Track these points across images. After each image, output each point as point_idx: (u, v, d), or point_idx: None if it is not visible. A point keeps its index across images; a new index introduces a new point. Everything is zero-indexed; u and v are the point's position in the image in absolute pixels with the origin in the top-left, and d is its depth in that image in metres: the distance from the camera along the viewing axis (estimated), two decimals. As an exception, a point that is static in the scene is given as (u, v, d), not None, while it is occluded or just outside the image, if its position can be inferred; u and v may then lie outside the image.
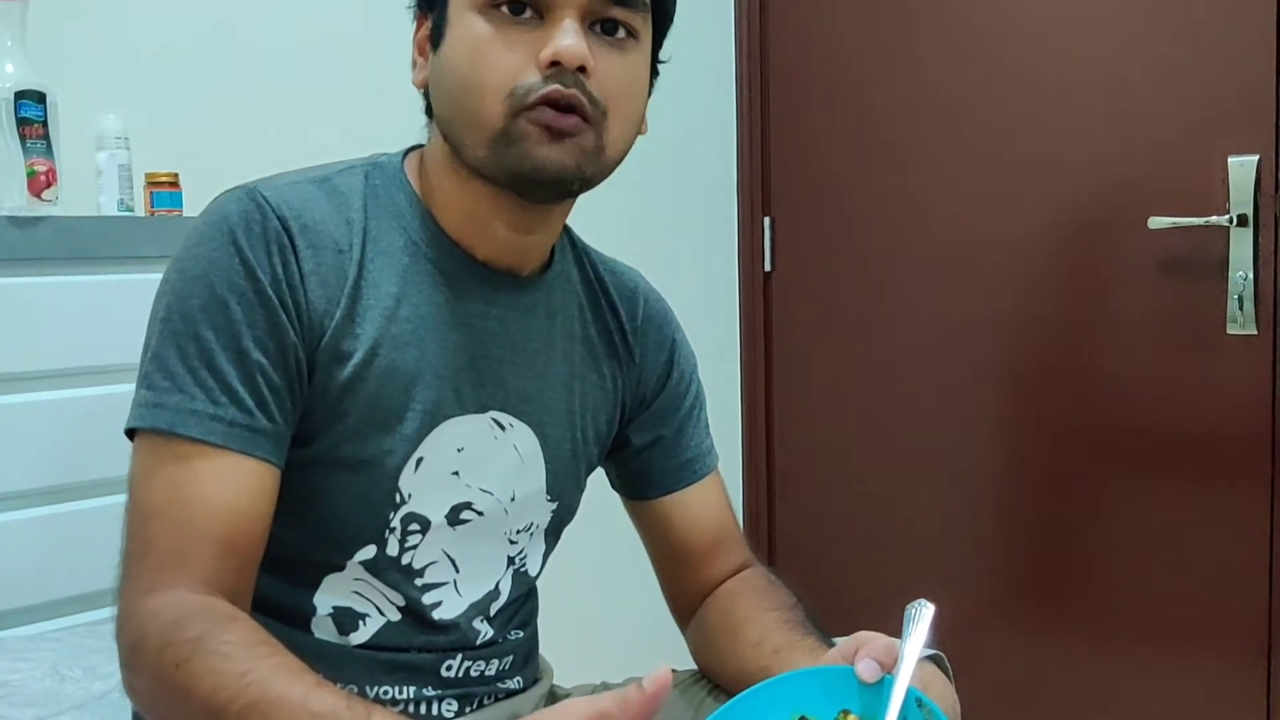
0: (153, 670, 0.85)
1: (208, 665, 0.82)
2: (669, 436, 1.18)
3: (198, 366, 0.90)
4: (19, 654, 1.38)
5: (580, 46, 0.90)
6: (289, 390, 0.93)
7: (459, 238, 1.01)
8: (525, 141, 0.91)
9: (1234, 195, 2.02)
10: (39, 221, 1.49)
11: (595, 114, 0.93)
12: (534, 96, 0.90)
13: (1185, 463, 2.14)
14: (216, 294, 0.90)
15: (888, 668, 0.86)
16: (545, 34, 0.91)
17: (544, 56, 0.90)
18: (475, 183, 0.98)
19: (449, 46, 0.95)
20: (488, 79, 0.91)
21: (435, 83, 0.98)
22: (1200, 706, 2.16)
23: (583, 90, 0.91)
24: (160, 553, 0.88)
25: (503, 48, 0.91)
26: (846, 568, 2.56)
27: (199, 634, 0.83)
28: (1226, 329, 2.05)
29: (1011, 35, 2.28)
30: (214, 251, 0.92)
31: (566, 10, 0.91)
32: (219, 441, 0.89)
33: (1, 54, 1.47)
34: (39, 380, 1.51)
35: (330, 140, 1.85)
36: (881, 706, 0.84)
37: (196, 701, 0.81)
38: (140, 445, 0.92)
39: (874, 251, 2.50)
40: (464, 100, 0.93)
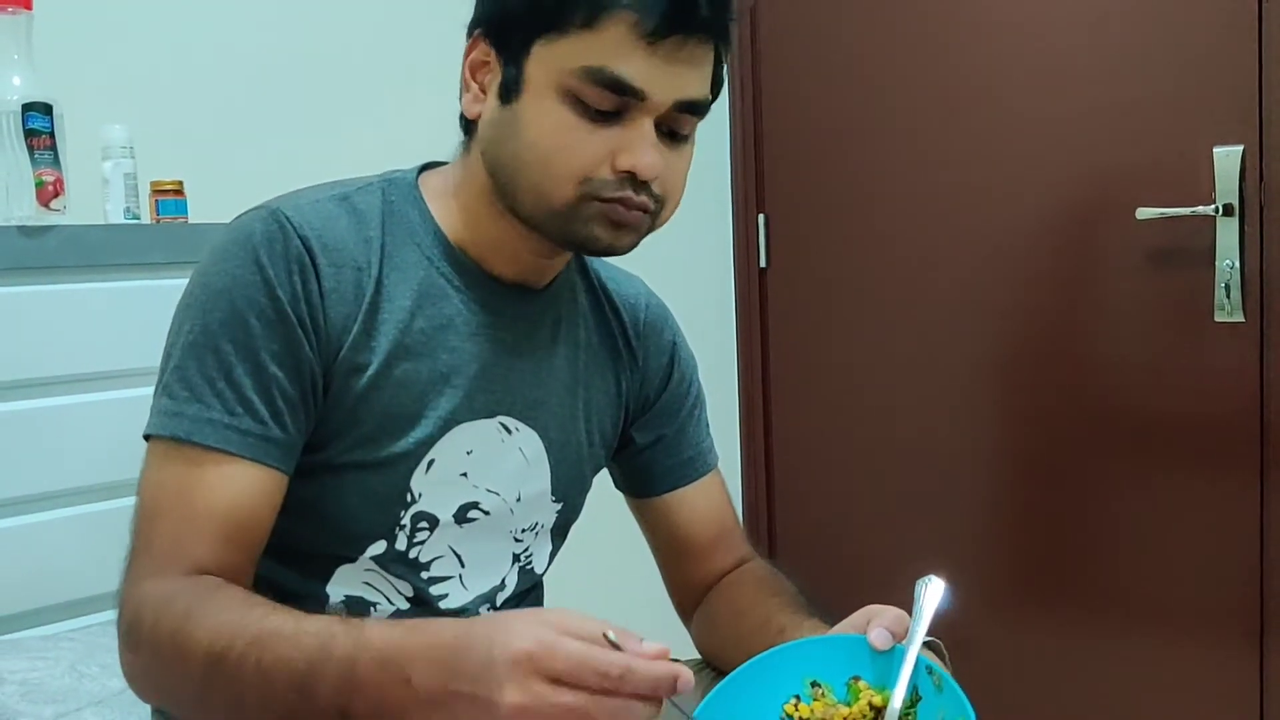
0: (150, 643, 0.87)
1: (202, 622, 0.85)
2: (670, 436, 1.21)
3: (216, 378, 0.93)
4: (38, 653, 1.41)
5: (658, 163, 0.95)
6: (302, 403, 0.96)
7: (478, 256, 1.05)
8: (590, 223, 0.96)
9: (1220, 185, 2.05)
10: (47, 230, 1.52)
11: (656, 207, 0.98)
12: (607, 195, 0.95)
13: (1174, 448, 2.17)
14: (237, 309, 0.94)
15: (899, 638, 0.89)
16: (622, 135, 0.94)
17: (622, 164, 0.94)
18: (511, 218, 1.01)
19: (527, 114, 0.96)
20: (563, 166, 0.94)
21: (499, 136, 0.99)
22: (1191, 691, 2.18)
23: (650, 195, 0.96)
24: (161, 546, 0.92)
25: (583, 138, 0.94)
26: (844, 561, 2.59)
27: (191, 601, 0.87)
28: (1214, 316, 2.08)
29: (999, 30, 2.30)
30: (237, 268, 0.95)
31: (646, 118, 0.94)
32: (233, 450, 0.93)
33: (9, 67, 1.50)
34: (50, 386, 1.54)
35: (333, 149, 1.89)
36: (892, 674, 0.87)
37: (197, 657, 0.84)
38: (154, 450, 0.95)
39: (867, 246, 2.53)
40: (533, 173, 0.96)
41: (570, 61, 0.93)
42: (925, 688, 0.87)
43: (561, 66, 0.93)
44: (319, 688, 0.80)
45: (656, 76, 0.93)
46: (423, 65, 1.25)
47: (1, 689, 1.32)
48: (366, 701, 0.79)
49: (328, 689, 0.80)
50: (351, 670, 0.79)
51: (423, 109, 1.14)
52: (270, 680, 0.81)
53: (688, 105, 0.96)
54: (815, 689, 0.90)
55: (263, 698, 0.82)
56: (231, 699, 0.83)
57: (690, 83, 0.95)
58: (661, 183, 0.97)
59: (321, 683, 0.80)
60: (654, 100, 0.94)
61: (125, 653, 0.91)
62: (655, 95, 0.93)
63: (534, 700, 0.72)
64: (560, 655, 0.73)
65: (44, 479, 1.54)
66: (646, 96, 0.93)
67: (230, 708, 0.84)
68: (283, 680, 0.81)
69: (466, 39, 1.02)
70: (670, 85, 0.94)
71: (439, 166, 1.09)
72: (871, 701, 0.88)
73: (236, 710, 0.84)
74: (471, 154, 1.03)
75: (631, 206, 0.96)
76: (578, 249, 1.01)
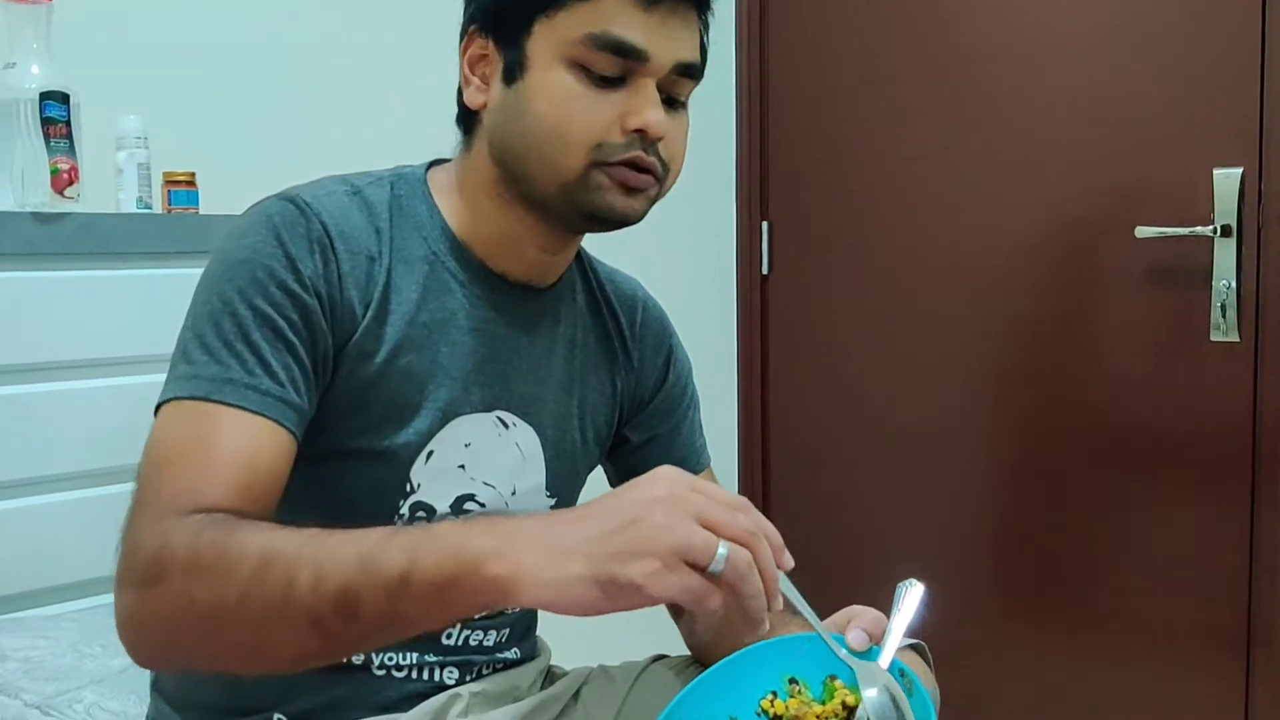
0: (186, 560, 0.81)
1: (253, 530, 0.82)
2: (664, 435, 1.23)
3: (234, 341, 0.93)
4: (40, 632, 1.43)
5: (665, 121, 0.99)
6: (315, 375, 0.97)
7: (484, 252, 1.07)
8: (601, 190, 0.99)
9: (1219, 206, 2.07)
10: (61, 218, 1.54)
11: (661, 172, 1.01)
12: (618, 157, 0.98)
13: (1168, 466, 2.19)
14: (258, 278, 0.95)
15: (876, 639, 0.91)
16: (627, 98, 0.98)
17: (632, 124, 0.97)
18: (518, 209, 1.04)
19: (532, 90, 0.99)
20: (574, 133, 0.97)
21: (506, 118, 1.02)
22: (1179, 705, 2.20)
23: (658, 156, 1.00)
24: (175, 490, 0.87)
25: (591, 104, 0.97)
26: (840, 568, 2.60)
27: (232, 520, 0.84)
28: (1210, 336, 2.10)
29: (1004, 47, 2.33)
30: (258, 242, 0.96)
31: (649, 80, 0.98)
32: (252, 407, 0.91)
33: (27, 56, 1.52)
34: (60, 370, 1.56)
35: (345, 143, 1.92)
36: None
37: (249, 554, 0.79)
38: (166, 411, 0.93)
39: (870, 256, 2.54)
40: (544, 147, 0.98)
41: (572, 31, 0.97)
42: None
43: (564, 38, 0.97)
44: (384, 553, 0.77)
45: (656, 38, 0.97)
46: (434, 59, 1.26)
47: (3, 665, 1.34)
48: (434, 554, 0.76)
49: (394, 551, 0.76)
50: (429, 530, 0.78)
51: (434, 103, 1.16)
52: (330, 558, 0.78)
53: (685, 68, 1.00)
54: (793, 686, 0.92)
55: (317, 577, 0.77)
56: (280, 589, 0.78)
57: (685, 44, 1.00)
58: (666, 147, 1.00)
59: (389, 548, 0.77)
60: (655, 62, 0.97)
61: (136, 593, 0.84)
62: (656, 56, 0.97)
63: (679, 521, 0.74)
64: (698, 484, 0.77)
65: (50, 462, 1.56)
66: (649, 58, 0.97)
67: (273, 605, 0.78)
68: (344, 556, 0.77)
69: (460, 39, 1.05)
70: (669, 46, 0.98)
71: (446, 163, 1.11)
72: (845, 701, 0.90)
73: (281, 604, 0.78)
74: (474, 148, 1.06)
75: (642, 166, 0.99)
76: (591, 221, 1.02)
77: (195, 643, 0.84)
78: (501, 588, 0.74)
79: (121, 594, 0.85)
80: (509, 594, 0.74)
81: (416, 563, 0.76)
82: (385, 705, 1.05)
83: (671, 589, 0.73)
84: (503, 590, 0.74)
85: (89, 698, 1.30)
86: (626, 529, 0.73)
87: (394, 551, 0.77)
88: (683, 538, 0.73)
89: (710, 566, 0.73)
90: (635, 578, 0.72)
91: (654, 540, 0.73)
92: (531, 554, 0.74)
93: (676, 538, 0.73)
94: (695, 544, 0.73)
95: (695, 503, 0.75)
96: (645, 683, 1.19)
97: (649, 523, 0.73)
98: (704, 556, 0.73)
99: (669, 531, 0.73)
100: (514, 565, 0.74)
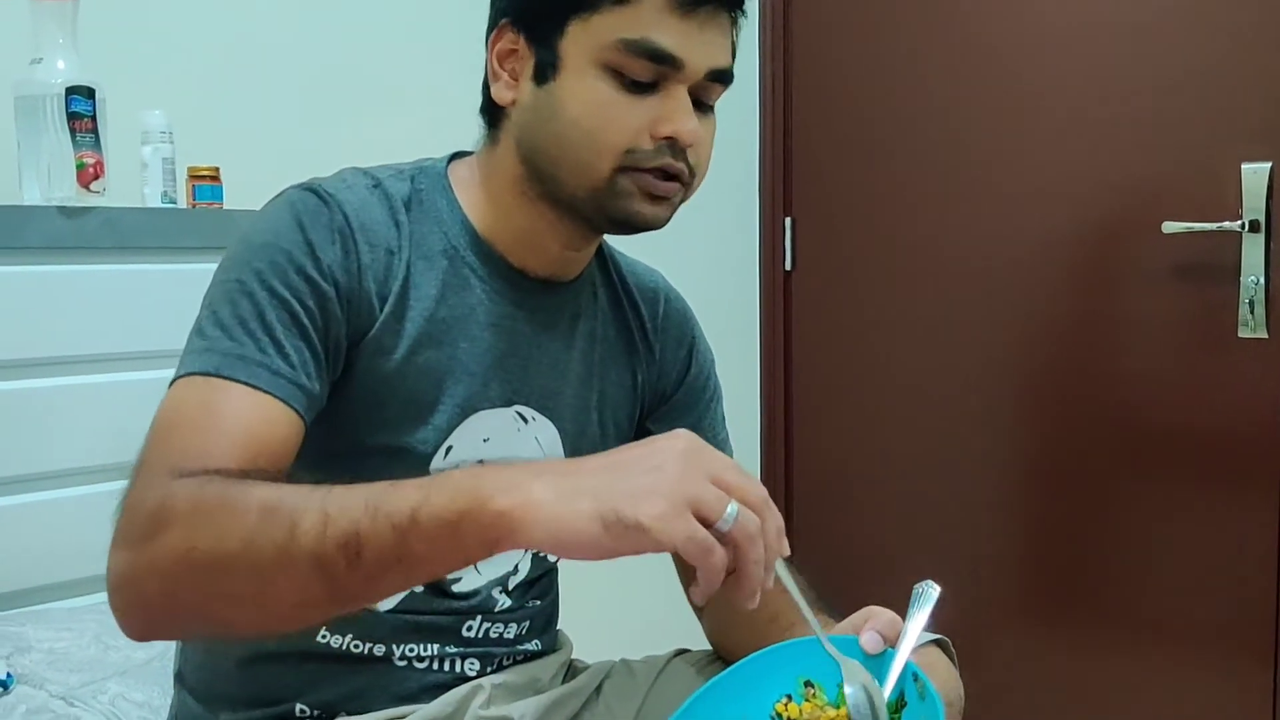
0: (187, 512, 0.80)
1: (260, 483, 0.81)
2: (687, 428, 1.22)
3: (249, 319, 0.93)
4: (64, 624, 1.44)
5: (698, 129, 0.98)
6: (327, 362, 0.97)
7: (504, 248, 1.07)
8: (629, 197, 0.98)
9: (1247, 201, 2.05)
10: (87, 212, 1.55)
11: (688, 178, 1.01)
12: (647, 164, 0.97)
13: (1196, 463, 2.17)
14: (277, 262, 0.95)
15: (891, 641, 0.91)
16: (660, 104, 0.97)
17: (663, 131, 0.97)
18: (542, 206, 1.03)
19: (566, 93, 0.98)
20: (607, 138, 0.97)
21: (537, 119, 1.01)
22: (1206, 706, 2.18)
23: (686, 163, 0.99)
24: (177, 452, 0.86)
25: (625, 110, 0.97)
26: (862, 563, 2.60)
27: (238, 475, 0.83)
28: (1238, 332, 2.08)
29: (1030, 41, 2.31)
30: (280, 227, 0.97)
31: (682, 87, 0.98)
32: (261, 385, 0.91)
33: (53, 51, 1.53)
34: (86, 364, 1.57)
35: (368, 138, 1.91)
36: (881, 677, 0.88)
37: (253, 505, 0.78)
38: (178, 384, 0.92)
39: (893, 252, 2.54)
40: (576, 150, 0.98)
41: (608, 36, 0.96)
42: (910, 694, 0.88)
43: (599, 42, 0.96)
44: (394, 494, 0.76)
45: (691, 45, 0.96)
46: (457, 55, 1.27)
47: (29, 657, 1.35)
48: (445, 492, 0.75)
49: (405, 490, 0.76)
50: (441, 474, 0.78)
51: (457, 99, 1.16)
52: (337, 501, 0.77)
53: (718, 74, 0.99)
54: (808, 689, 0.91)
55: (323, 520, 0.76)
56: (284, 533, 0.77)
57: (719, 51, 0.99)
58: (694, 153, 1.00)
59: (399, 490, 0.77)
60: (690, 69, 0.97)
61: (132, 551, 0.82)
62: (691, 63, 0.97)
63: (694, 474, 0.74)
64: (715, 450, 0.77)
65: (75, 455, 1.57)
66: (684, 65, 0.96)
67: (277, 549, 0.77)
68: (352, 499, 0.77)
69: (489, 30, 1.04)
70: (703, 54, 0.97)
71: (468, 156, 1.11)
72: None
73: (284, 548, 0.77)
74: (500, 143, 1.05)
75: (669, 174, 0.98)
76: (616, 226, 1.02)
77: (192, 595, 0.82)
78: (510, 522, 0.73)
79: (116, 554, 0.84)
80: (517, 529, 0.74)
81: (428, 499, 0.75)
82: (406, 696, 1.05)
83: (678, 536, 0.72)
84: (511, 525, 0.73)
85: (113, 689, 1.31)
86: (642, 476, 0.73)
87: (406, 491, 0.76)
88: (696, 488, 0.73)
89: (719, 523, 0.73)
90: (643, 519, 0.71)
91: (667, 486, 0.72)
92: (542, 490, 0.74)
93: (690, 487, 0.73)
94: (707, 498, 0.73)
95: (713, 461, 0.75)
96: (667, 678, 1.18)
97: (665, 472, 0.73)
98: (714, 511, 0.73)
99: (683, 481, 0.73)
100: (524, 499, 0.73)
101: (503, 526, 0.74)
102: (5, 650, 1.35)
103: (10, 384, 1.52)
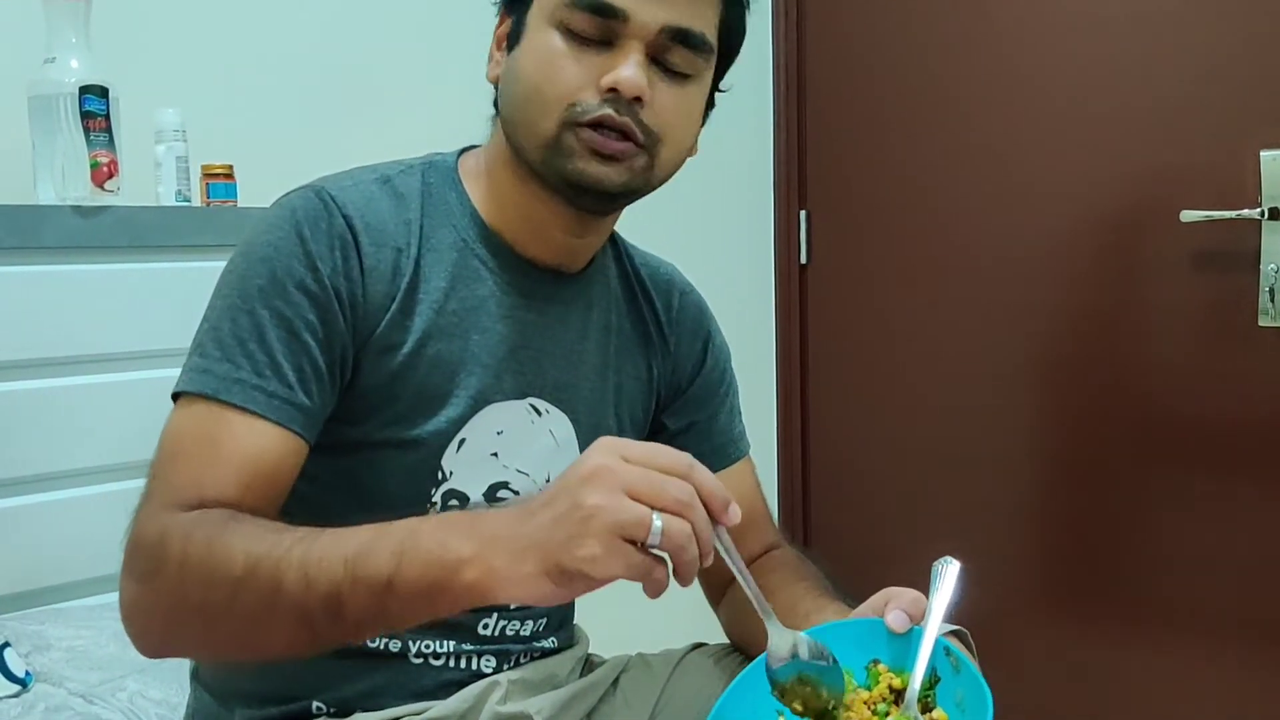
0: (177, 559, 0.84)
1: (241, 529, 0.84)
2: (702, 422, 1.22)
3: (248, 340, 0.94)
4: (83, 622, 1.45)
5: (639, 79, 0.96)
6: (330, 376, 0.98)
7: (512, 237, 1.06)
8: (573, 156, 0.97)
9: (1266, 189, 2.03)
10: (101, 211, 1.56)
11: (647, 140, 0.99)
12: (587, 117, 0.96)
13: (1216, 453, 2.16)
14: (277, 278, 0.95)
15: (916, 620, 0.90)
16: (610, 60, 0.96)
17: (604, 82, 0.96)
18: (533, 185, 1.03)
19: (522, 53, 1.00)
20: (551, 91, 0.97)
21: (505, 83, 1.03)
22: (1228, 697, 2.17)
23: (635, 119, 0.97)
24: (181, 483, 0.90)
25: (570, 63, 0.96)
26: (880, 556, 2.58)
27: (227, 519, 0.86)
28: (1258, 321, 2.06)
29: (1043, 31, 2.30)
30: (280, 239, 0.97)
31: (633, 42, 0.96)
32: (258, 410, 0.93)
33: (67, 50, 1.53)
34: (102, 363, 1.58)
35: (381, 135, 1.91)
36: (910, 656, 0.88)
37: (235, 557, 0.82)
38: (180, 405, 0.96)
39: (909, 244, 2.52)
40: (526, 106, 0.99)
41: None
42: (944, 669, 0.87)
43: (553, 1, 0.97)
44: (370, 558, 0.79)
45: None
46: (469, 52, 1.26)
47: (48, 655, 1.36)
48: (418, 562, 0.77)
49: (381, 556, 0.79)
50: (412, 534, 0.79)
51: (468, 95, 1.16)
52: (317, 560, 0.80)
53: (678, 33, 0.97)
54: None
55: (305, 579, 0.80)
56: (268, 589, 0.81)
57: (676, 7, 0.97)
58: (655, 114, 0.98)
59: (375, 553, 0.79)
60: (637, 21, 0.96)
61: (137, 584, 0.88)
62: (638, 16, 0.96)
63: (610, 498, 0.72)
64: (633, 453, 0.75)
65: (91, 454, 1.57)
66: (629, 18, 0.95)
67: (263, 603, 0.81)
68: (331, 559, 0.80)
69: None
70: (651, 8, 0.96)
71: (478, 148, 1.11)
72: (891, 684, 0.89)
73: (270, 603, 0.81)
74: (495, 125, 1.06)
75: (614, 127, 0.96)
76: (570, 190, 1.00)
77: (191, 635, 0.89)
78: (479, 591, 0.76)
79: (125, 582, 0.89)
80: (486, 595, 0.76)
81: (400, 570, 0.78)
82: (422, 693, 1.05)
83: (615, 570, 0.73)
84: (481, 593, 0.76)
85: (131, 686, 1.32)
86: (568, 515, 0.73)
87: (381, 555, 0.79)
88: (615, 515, 0.72)
89: (648, 541, 0.73)
90: (581, 566, 0.72)
91: (590, 523, 0.72)
92: (500, 556, 0.75)
93: (610, 516, 0.72)
94: (627, 521, 0.72)
95: (625, 476, 0.74)
96: (684, 671, 1.18)
97: (584, 505, 0.73)
98: (639, 531, 0.72)
99: (602, 512, 0.72)
100: (487, 570, 0.75)
101: (474, 595, 0.76)
102: (24, 648, 1.35)
103: (27, 383, 1.52)
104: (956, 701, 0.86)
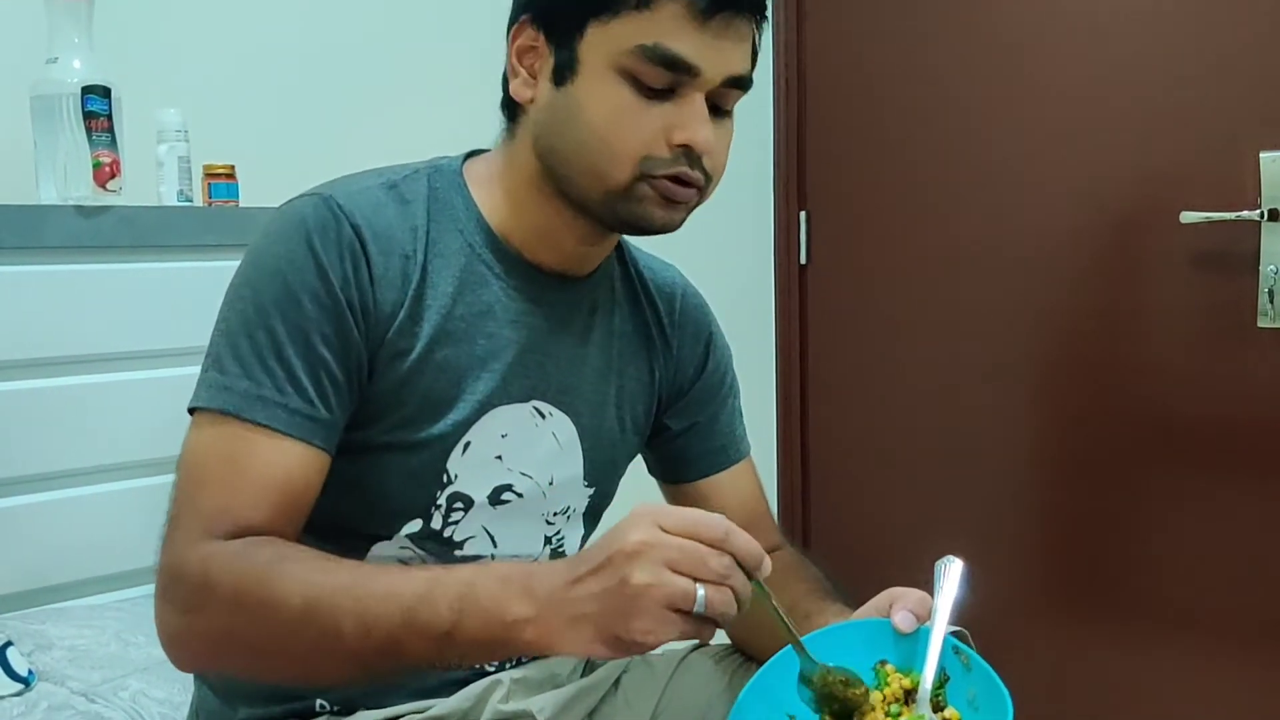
0: (228, 598, 0.86)
1: (292, 569, 0.86)
2: (704, 423, 1.23)
3: (267, 355, 0.94)
4: (85, 621, 1.45)
5: (713, 137, 0.98)
6: (348, 385, 0.98)
7: (520, 243, 1.07)
8: (645, 202, 0.99)
9: (1266, 190, 2.03)
10: (103, 211, 1.56)
11: (706, 183, 1.01)
12: (663, 171, 0.97)
13: (1216, 455, 2.16)
14: (291, 290, 0.96)
15: (922, 619, 0.90)
16: (676, 112, 0.97)
17: (678, 139, 0.97)
18: (558, 203, 1.03)
19: (586, 96, 0.98)
20: (622, 145, 0.97)
21: (554, 120, 1.01)
22: (1231, 698, 2.17)
23: (702, 170, 0.99)
24: (210, 510, 0.91)
25: (641, 117, 0.96)
26: (879, 555, 2.58)
27: (271, 554, 0.88)
28: (1258, 322, 2.06)
29: (1043, 31, 2.30)
30: (291, 250, 0.97)
31: (697, 94, 0.97)
32: (281, 428, 0.94)
33: (69, 51, 1.54)
34: (104, 362, 1.58)
35: (384, 135, 1.92)
36: (918, 656, 0.88)
37: (292, 600, 0.84)
38: (200, 421, 0.96)
39: (909, 245, 2.52)
40: (592, 155, 0.98)
41: (625, 42, 0.95)
42: (953, 668, 0.88)
43: (617, 47, 0.96)
44: (428, 610, 0.82)
45: (708, 53, 0.96)
46: (474, 53, 1.27)
47: (50, 654, 1.36)
48: (478, 618, 0.81)
49: (440, 609, 0.81)
50: (470, 588, 0.82)
51: (473, 97, 1.16)
52: (374, 608, 0.83)
53: (735, 80, 0.99)
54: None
55: (363, 627, 0.82)
56: (327, 633, 0.83)
57: (737, 58, 0.99)
58: (712, 159, 1.00)
59: (433, 605, 0.82)
60: (706, 76, 0.96)
61: (181, 615, 0.90)
62: (707, 71, 0.96)
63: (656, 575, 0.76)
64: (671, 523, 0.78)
65: (92, 454, 1.58)
66: (700, 73, 0.96)
67: (322, 647, 0.84)
68: (389, 608, 0.82)
69: (510, 25, 1.04)
70: (720, 61, 0.97)
71: (484, 153, 1.11)
72: (902, 684, 0.89)
73: (326, 647, 0.84)
74: (518, 139, 1.05)
75: (686, 182, 0.98)
76: (631, 229, 1.03)
77: (239, 664, 0.94)
78: (538, 649, 0.81)
79: (164, 611, 0.91)
80: (544, 652, 0.84)
81: (459, 625, 0.81)
82: (426, 691, 1.06)
83: (668, 638, 0.78)
84: (539, 650, 0.82)
85: (134, 685, 1.32)
86: (617, 590, 0.77)
87: (439, 607, 0.82)
88: (664, 591, 0.76)
89: (694, 609, 0.77)
90: (636, 637, 0.77)
91: (639, 600, 0.77)
92: (557, 619, 0.79)
93: (658, 593, 0.76)
94: (675, 595, 0.76)
95: (667, 552, 0.77)
96: (685, 671, 1.18)
97: (631, 583, 0.77)
98: (686, 603, 0.77)
99: (651, 589, 0.76)
100: (547, 632, 0.80)
101: (532, 650, 0.82)
102: (27, 647, 1.35)
103: (29, 383, 1.53)
104: (969, 700, 0.86)
